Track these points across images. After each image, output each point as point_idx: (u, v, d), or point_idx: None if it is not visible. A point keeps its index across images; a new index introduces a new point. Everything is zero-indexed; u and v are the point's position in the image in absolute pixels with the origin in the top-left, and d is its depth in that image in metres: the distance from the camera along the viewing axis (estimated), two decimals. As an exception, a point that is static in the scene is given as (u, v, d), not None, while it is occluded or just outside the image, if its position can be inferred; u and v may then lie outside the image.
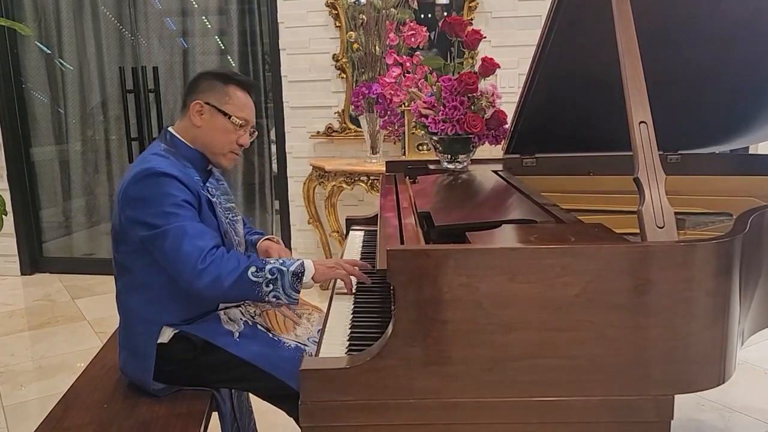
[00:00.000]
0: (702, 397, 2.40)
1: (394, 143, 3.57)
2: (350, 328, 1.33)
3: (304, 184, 3.70)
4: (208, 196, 1.57)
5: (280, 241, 1.83)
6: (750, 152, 3.13)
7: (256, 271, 1.43)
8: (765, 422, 2.27)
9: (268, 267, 1.45)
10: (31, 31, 4.01)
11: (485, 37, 2.08)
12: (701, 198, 1.85)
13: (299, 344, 1.56)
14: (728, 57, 1.80)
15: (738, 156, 2.41)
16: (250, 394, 1.84)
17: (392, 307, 1.40)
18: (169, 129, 1.61)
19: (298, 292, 1.47)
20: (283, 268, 1.45)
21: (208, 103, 1.56)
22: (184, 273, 1.41)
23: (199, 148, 1.59)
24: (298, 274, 1.46)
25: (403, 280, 1.06)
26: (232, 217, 1.66)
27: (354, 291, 1.54)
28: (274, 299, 1.46)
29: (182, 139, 1.59)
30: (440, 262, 1.05)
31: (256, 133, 1.64)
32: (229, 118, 1.57)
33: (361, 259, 1.80)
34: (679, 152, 2.14)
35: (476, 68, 2.01)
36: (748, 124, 2.12)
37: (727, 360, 1.11)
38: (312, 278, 1.48)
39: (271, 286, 1.44)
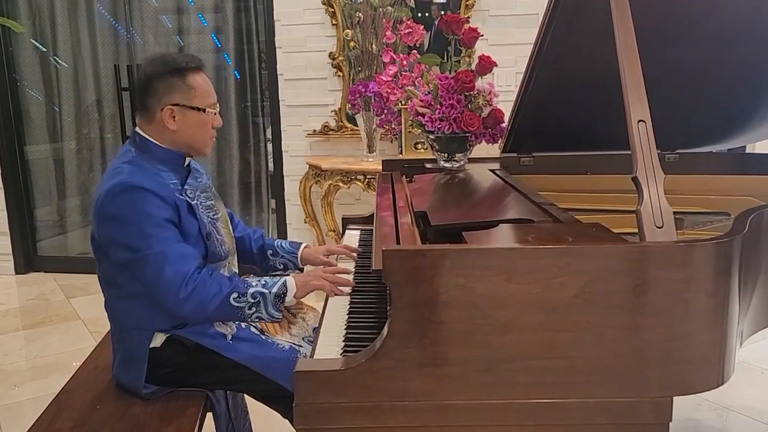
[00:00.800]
0: (699, 397, 2.39)
1: (391, 142, 3.56)
2: (346, 329, 1.32)
3: (301, 182, 3.68)
4: (187, 200, 1.51)
5: (310, 246, 1.84)
6: (746, 151, 3.12)
7: (238, 297, 1.45)
8: (762, 422, 2.26)
9: (250, 291, 1.46)
10: (25, 28, 3.98)
11: (482, 35, 2.07)
12: (699, 197, 1.84)
13: (293, 345, 1.54)
14: (725, 56, 1.80)
15: (735, 155, 2.41)
16: (246, 395, 1.83)
17: (388, 308, 1.39)
18: (138, 131, 1.54)
19: (281, 311, 1.49)
20: (265, 291, 1.47)
21: (176, 104, 1.49)
22: (166, 300, 1.42)
23: (179, 148, 1.54)
24: (281, 296, 1.48)
25: (398, 281, 1.05)
26: (213, 215, 1.61)
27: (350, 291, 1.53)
28: (257, 320, 1.49)
29: (155, 141, 1.52)
30: (436, 262, 1.04)
31: (217, 105, 1.60)
32: (204, 111, 1.52)
33: (357, 258, 1.79)
34: (677, 151, 2.13)
35: (473, 66, 2.00)
36: (744, 123, 2.11)
37: (726, 361, 1.10)
38: (294, 296, 1.50)
39: (253, 309, 1.46)
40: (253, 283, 1.47)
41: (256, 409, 1.77)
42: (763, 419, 2.28)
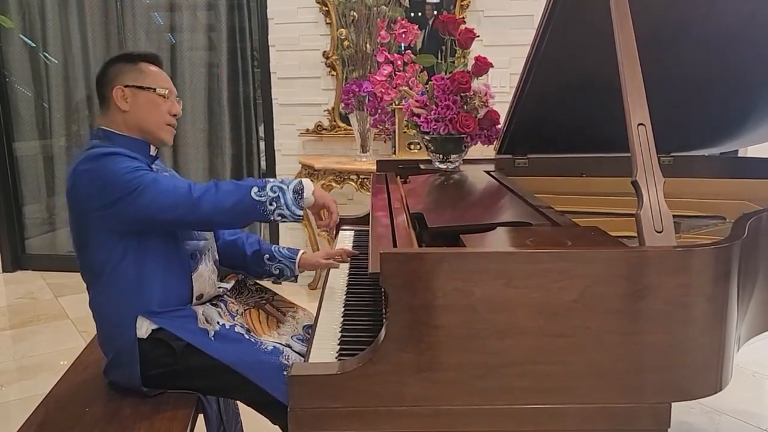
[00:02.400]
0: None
1: (385, 142, 3.55)
2: (341, 332, 1.30)
3: (293, 182, 3.66)
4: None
5: (308, 253, 1.82)
6: (739, 155, 3.13)
7: (259, 191, 1.42)
8: (754, 425, 2.27)
9: (269, 185, 1.43)
10: (15, 24, 3.93)
11: (478, 36, 2.06)
12: (694, 201, 1.83)
13: (277, 345, 1.49)
14: (720, 61, 1.80)
15: (729, 159, 2.41)
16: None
17: (383, 311, 1.37)
18: (99, 126, 1.55)
19: (302, 209, 1.45)
20: (283, 186, 1.44)
21: (127, 86, 1.51)
22: (178, 208, 1.39)
23: (135, 133, 1.54)
24: (299, 191, 1.44)
25: (396, 284, 1.03)
26: None
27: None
28: (279, 218, 1.43)
29: (115, 131, 1.53)
30: (434, 265, 1.02)
31: (181, 102, 1.61)
32: (154, 90, 1.53)
33: (351, 259, 1.77)
34: (671, 154, 2.13)
35: (469, 67, 1.99)
36: (738, 127, 2.11)
37: (724, 367, 1.09)
38: (312, 194, 1.47)
39: (274, 204, 1.42)
40: (270, 180, 1.45)
41: (248, 412, 1.75)
42: (755, 422, 2.29)
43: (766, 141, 2.24)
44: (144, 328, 1.49)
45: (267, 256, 1.78)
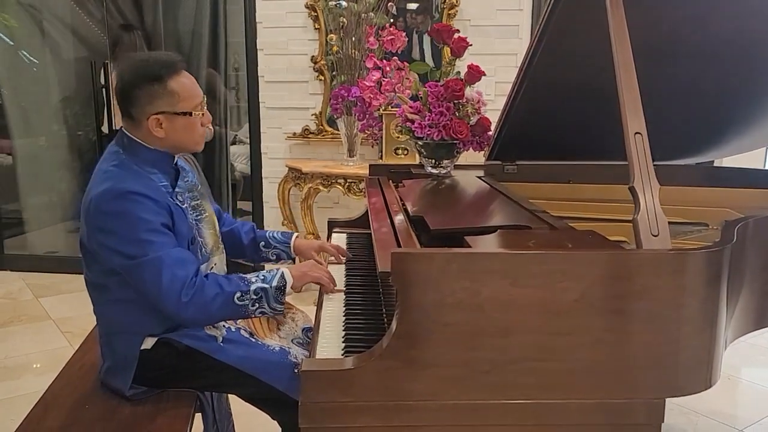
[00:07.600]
0: (670, 401, 2.46)
1: (372, 146, 3.58)
2: (345, 330, 1.33)
3: (280, 185, 3.68)
4: (178, 203, 1.50)
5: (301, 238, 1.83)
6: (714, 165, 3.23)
7: (242, 296, 1.43)
8: (731, 426, 2.35)
9: (252, 288, 1.44)
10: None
11: (471, 45, 2.11)
12: (679, 208, 1.90)
13: (283, 347, 1.54)
14: (705, 74, 1.86)
15: (707, 168, 2.49)
16: (230, 395, 1.82)
17: (383, 309, 1.41)
18: (125, 132, 1.49)
19: (282, 303, 1.48)
20: (266, 286, 1.45)
21: (162, 113, 1.44)
22: (167, 305, 1.39)
23: (169, 150, 1.51)
24: (281, 288, 1.47)
25: (406, 283, 1.07)
26: (198, 216, 1.57)
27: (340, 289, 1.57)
28: (260, 314, 1.48)
29: (143, 143, 1.48)
30: (444, 265, 1.06)
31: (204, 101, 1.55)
32: (190, 114, 1.48)
33: (346, 261, 1.80)
34: (655, 163, 2.19)
35: (462, 75, 2.03)
36: (717, 138, 2.19)
37: (714, 365, 1.15)
38: (291, 287, 1.50)
39: (257, 305, 1.45)
40: (253, 280, 1.46)
41: (239, 411, 1.77)
42: (730, 423, 2.37)
43: (743, 152, 2.33)
44: (149, 341, 1.49)
45: (263, 243, 1.80)
